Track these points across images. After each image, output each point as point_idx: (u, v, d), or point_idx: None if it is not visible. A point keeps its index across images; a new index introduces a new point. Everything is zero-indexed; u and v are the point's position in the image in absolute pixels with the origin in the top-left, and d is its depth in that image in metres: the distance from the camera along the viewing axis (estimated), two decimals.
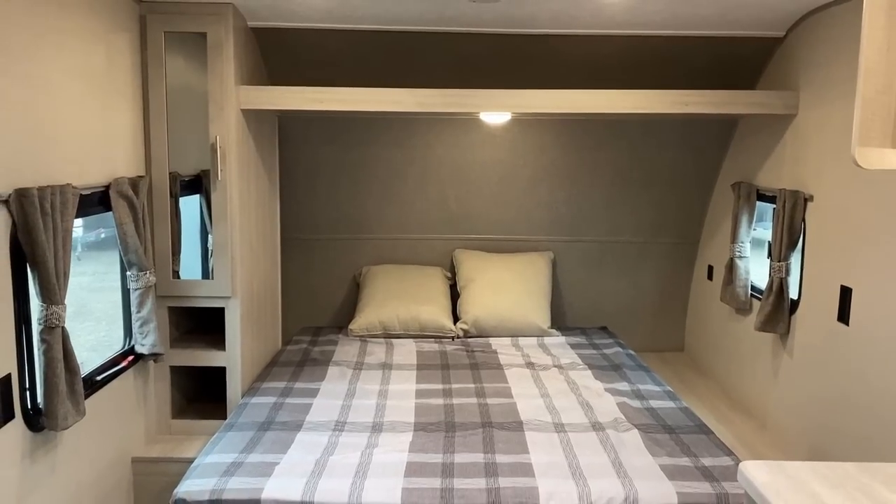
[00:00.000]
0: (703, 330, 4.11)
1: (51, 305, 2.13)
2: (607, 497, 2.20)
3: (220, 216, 3.01)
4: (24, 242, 2.06)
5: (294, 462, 2.41)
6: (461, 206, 4.26)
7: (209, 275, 3.23)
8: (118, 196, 2.60)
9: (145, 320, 2.78)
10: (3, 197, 1.99)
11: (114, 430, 2.71)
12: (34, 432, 2.16)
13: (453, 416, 2.83)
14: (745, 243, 3.48)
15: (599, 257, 4.32)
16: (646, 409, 2.91)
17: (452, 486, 2.25)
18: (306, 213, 4.22)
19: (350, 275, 4.38)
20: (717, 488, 2.23)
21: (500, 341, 3.90)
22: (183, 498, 2.21)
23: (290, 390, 3.11)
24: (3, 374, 2.01)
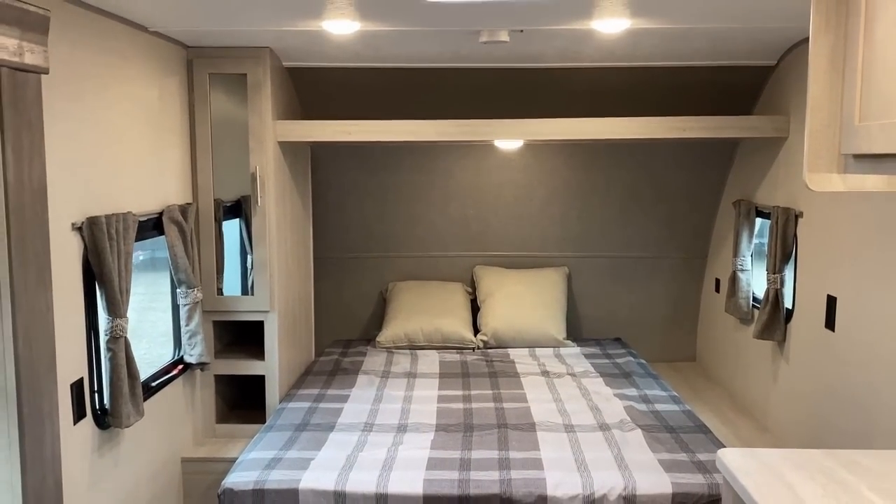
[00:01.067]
0: (713, 340, 4.32)
1: (116, 318, 2.44)
2: (608, 486, 2.45)
3: (259, 238, 3.33)
4: (94, 263, 2.38)
5: (327, 458, 2.69)
6: (480, 226, 4.55)
7: (249, 291, 3.53)
8: (170, 221, 2.92)
9: (193, 333, 3.09)
10: (78, 224, 2.31)
11: (166, 432, 3.01)
12: (101, 430, 2.47)
13: (472, 419, 3.09)
14: (746, 257, 3.70)
15: (612, 272, 4.57)
16: (651, 412, 3.14)
17: (469, 478, 2.51)
18: (337, 234, 4.54)
19: (377, 291, 4.67)
20: (709, 479, 2.46)
21: (518, 352, 4.16)
22: (230, 488, 2.50)
23: (324, 396, 3.40)
24: (77, 378, 2.33)
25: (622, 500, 2.42)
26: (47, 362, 2.05)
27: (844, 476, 1.79)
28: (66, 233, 2.26)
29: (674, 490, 2.43)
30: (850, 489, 1.72)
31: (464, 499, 2.44)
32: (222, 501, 2.49)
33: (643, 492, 2.43)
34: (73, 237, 2.30)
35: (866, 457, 1.91)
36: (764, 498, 1.68)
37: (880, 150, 1.59)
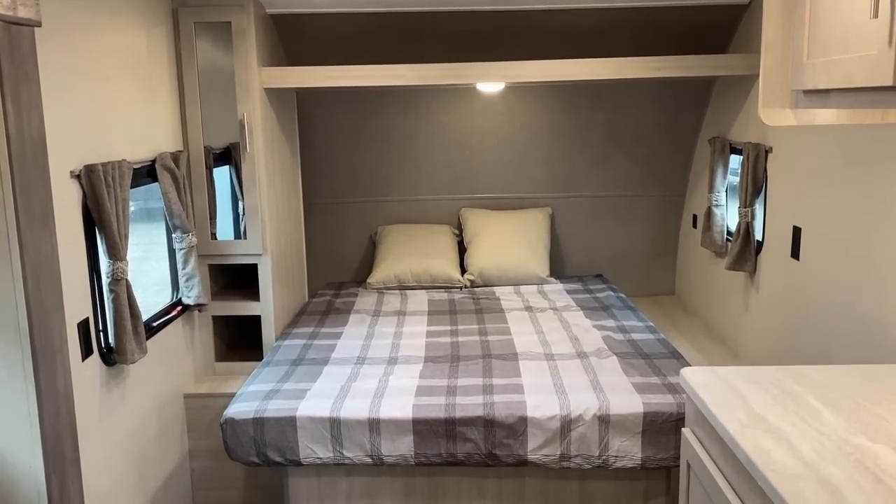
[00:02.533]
0: (690, 273, 4.50)
1: (116, 261, 2.57)
2: (584, 407, 2.63)
3: (249, 184, 3.44)
4: (93, 209, 2.50)
5: (322, 388, 2.86)
6: (465, 169, 4.66)
7: (241, 236, 3.66)
8: (163, 169, 3.02)
9: (190, 276, 3.23)
10: (76, 172, 2.42)
11: (168, 369, 3.17)
12: (108, 366, 2.63)
13: (458, 351, 3.27)
14: (721, 192, 3.84)
15: (594, 211, 4.71)
16: (627, 341, 3.32)
17: (455, 403, 2.69)
18: (325, 180, 4.64)
19: (367, 234, 4.80)
20: (678, 398, 2.65)
21: (504, 289, 4.32)
22: (232, 417, 2.67)
23: (318, 334, 3.56)
24: (83, 318, 2.47)
25: (597, 420, 2.61)
26: (55, 301, 2.19)
27: (794, 388, 1.96)
28: (66, 181, 2.37)
29: (645, 409, 2.61)
30: (797, 398, 1.89)
31: (450, 421, 2.62)
32: (225, 431, 2.67)
33: (616, 411, 2.62)
34: (72, 185, 2.41)
35: (816, 371, 2.09)
36: (719, 408, 1.85)
37: (824, 85, 1.72)
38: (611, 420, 2.61)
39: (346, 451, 2.65)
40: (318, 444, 2.65)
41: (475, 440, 2.62)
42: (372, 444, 2.64)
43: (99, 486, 2.53)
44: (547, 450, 2.62)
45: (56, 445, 2.19)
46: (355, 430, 2.64)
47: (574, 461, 2.63)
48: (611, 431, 2.61)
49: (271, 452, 2.65)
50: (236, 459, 2.68)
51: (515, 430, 2.61)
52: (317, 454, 2.65)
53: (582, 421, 2.61)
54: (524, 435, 2.61)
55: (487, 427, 2.61)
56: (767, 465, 1.55)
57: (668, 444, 2.61)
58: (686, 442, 2.08)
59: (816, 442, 1.65)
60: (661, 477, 2.76)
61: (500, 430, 2.61)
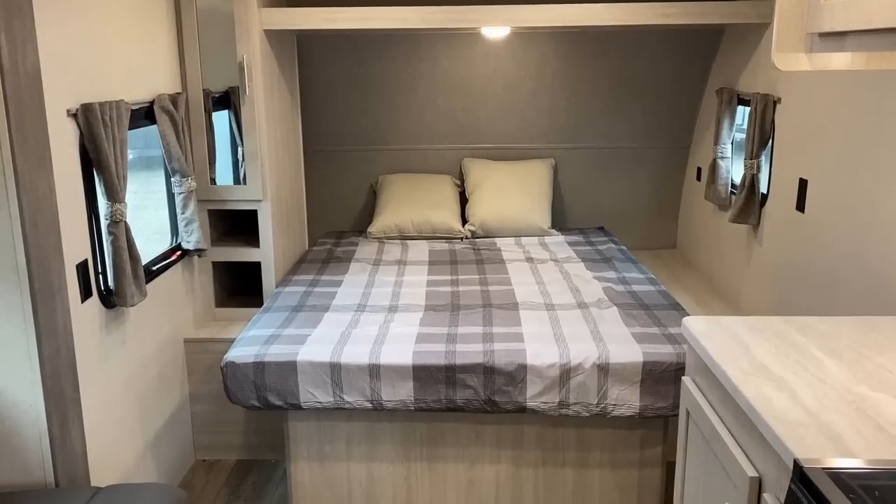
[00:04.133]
0: (692, 227, 4.47)
1: (115, 203, 2.54)
2: (583, 356, 2.63)
3: (249, 128, 3.39)
4: (91, 150, 2.46)
5: (323, 334, 2.86)
6: (468, 118, 4.60)
7: (241, 182, 3.63)
8: (161, 111, 2.97)
9: (189, 220, 3.20)
10: (73, 111, 2.37)
11: (168, 314, 3.17)
12: (108, 309, 2.62)
13: (459, 300, 3.26)
14: (727, 145, 3.79)
15: (597, 163, 4.66)
16: (628, 292, 3.31)
17: (455, 350, 2.69)
18: (325, 127, 4.58)
19: (367, 183, 4.76)
20: (677, 349, 2.65)
21: (505, 241, 4.30)
22: (232, 361, 2.67)
23: (318, 281, 3.55)
24: (82, 260, 2.45)
25: (596, 368, 2.62)
26: (53, 242, 2.17)
27: (797, 338, 1.96)
28: (62, 119, 2.33)
29: (644, 359, 2.62)
30: (799, 348, 1.88)
31: (450, 368, 2.63)
32: (225, 374, 2.67)
33: (615, 360, 2.62)
34: (68, 124, 2.37)
35: (819, 322, 2.08)
36: (721, 356, 1.84)
37: (842, 27, 1.66)
38: (610, 369, 2.61)
39: (347, 396, 2.66)
40: (318, 389, 2.66)
41: (475, 387, 2.63)
42: (372, 390, 2.65)
43: (100, 428, 2.55)
44: (546, 397, 2.63)
45: (56, 385, 2.19)
46: (356, 376, 2.65)
47: (572, 409, 2.64)
48: (609, 380, 2.62)
49: (271, 396, 2.66)
50: (236, 403, 2.69)
51: (515, 377, 2.61)
52: (317, 398, 2.66)
53: (581, 369, 2.62)
54: (523, 382, 2.62)
55: (487, 374, 2.62)
56: (769, 412, 1.54)
57: (666, 393, 2.62)
58: (686, 390, 2.08)
59: (818, 390, 1.64)
60: (657, 426, 2.78)
61: (499, 377, 2.62)
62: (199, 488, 3.24)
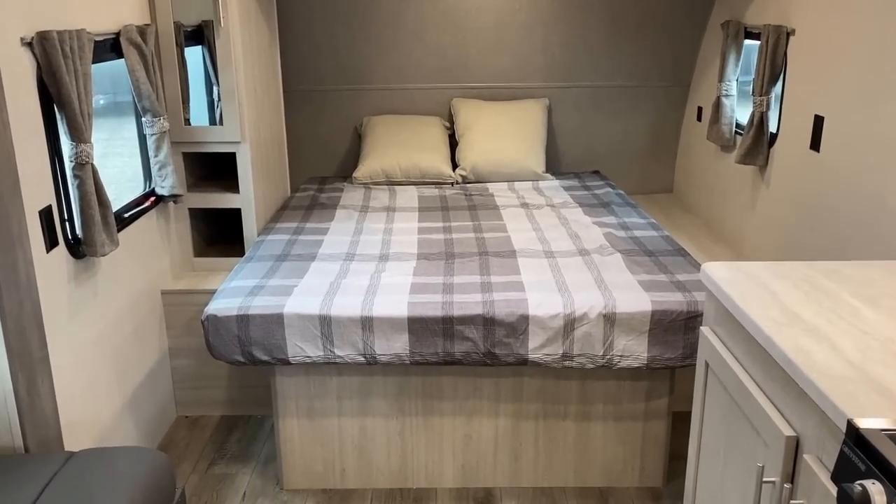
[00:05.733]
0: (691, 170, 4.31)
1: (79, 143, 2.31)
2: (589, 305, 2.48)
3: (225, 63, 3.14)
4: (50, 84, 2.22)
5: (310, 285, 2.68)
6: (458, 55, 4.35)
7: (217, 123, 3.39)
8: (128, 43, 2.72)
9: (163, 164, 2.98)
10: (28, 40, 2.13)
11: (143, 264, 2.97)
12: (76, 259, 2.42)
13: (453, 248, 3.09)
14: (732, 82, 3.60)
15: (593, 103, 4.45)
16: (629, 238, 3.16)
17: (452, 300, 2.53)
18: (306, 65, 4.32)
19: (351, 125, 4.53)
20: (688, 297, 2.51)
21: (497, 186, 4.12)
22: (214, 314, 2.49)
23: (302, 229, 3.36)
24: (45, 206, 2.24)
25: (602, 318, 2.47)
26: (10, 184, 1.95)
27: (826, 284, 1.82)
28: (16, 48, 2.09)
29: (653, 308, 2.47)
30: (831, 295, 1.75)
31: (447, 319, 2.47)
32: (206, 328, 2.49)
33: (623, 310, 2.47)
34: (23, 54, 2.12)
35: (846, 266, 1.94)
36: (749, 305, 1.70)
37: None
38: (617, 318, 2.47)
39: (338, 350, 2.50)
40: (307, 343, 2.49)
41: (474, 339, 2.48)
42: (365, 343, 2.49)
43: (72, 387, 2.37)
44: (549, 349, 2.49)
45: (21, 342, 2.01)
46: (347, 328, 2.48)
47: (577, 361, 2.50)
48: (616, 330, 2.48)
49: (257, 351, 2.50)
50: (219, 358, 2.52)
51: (516, 328, 2.46)
52: (306, 353, 2.50)
53: (586, 319, 2.47)
54: (525, 334, 2.47)
55: (487, 325, 2.46)
56: (811, 366, 1.40)
57: (675, 343, 2.48)
58: (705, 341, 1.94)
59: (860, 341, 1.51)
60: (664, 377, 2.66)
61: (499, 328, 2.47)
62: (182, 446, 3.09)
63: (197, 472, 2.92)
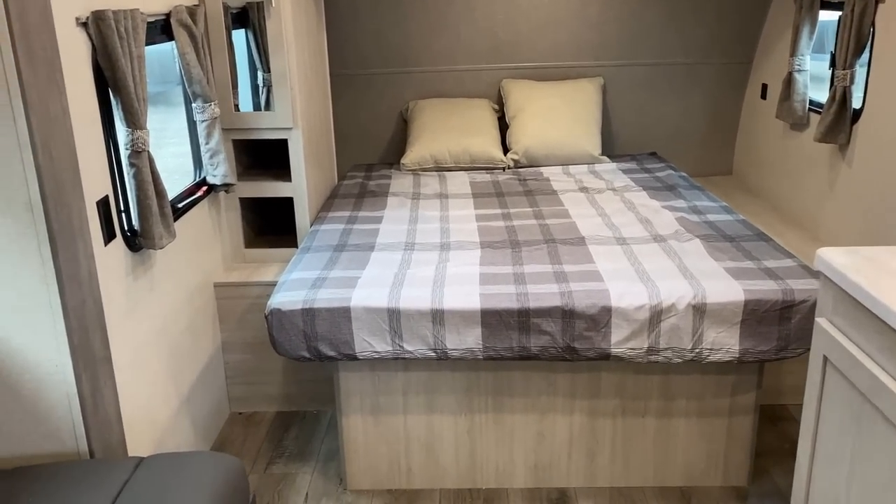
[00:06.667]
0: (755, 150, 4.10)
1: (135, 130, 2.19)
2: (677, 295, 2.32)
3: (276, 46, 3.00)
4: (105, 67, 2.09)
5: (374, 276, 2.54)
6: (508, 33, 4.17)
7: (262, 109, 3.26)
8: (179, 24, 2.59)
9: (214, 151, 2.85)
10: (83, 19, 2.00)
11: (196, 256, 2.85)
12: (133, 252, 2.30)
13: (516, 235, 2.94)
14: (805, 56, 3.40)
15: (649, 81, 4.26)
16: (704, 223, 2.98)
17: (527, 291, 2.38)
18: (350, 47, 4.17)
19: (396, 110, 4.37)
20: (783, 285, 2.34)
21: (552, 170, 3.95)
22: (278, 308, 2.36)
23: (356, 218, 3.22)
24: (102, 196, 2.11)
25: (691, 309, 2.31)
26: (71, 174, 1.83)
27: None
28: (71, 28, 1.96)
29: (746, 297, 2.30)
30: None
31: (523, 312, 2.32)
32: (270, 323, 2.37)
33: (713, 300, 2.31)
34: (79, 35, 2.00)
35: None
36: (882, 293, 1.53)
37: None
38: (707, 309, 2.30)
39: (407, 345, 2.37)
40: (375, 337, 2.36)
41: (552, 333, 2.33)
42: (435, 337, 2.35)
43: (132, 386, 2.26)
44: (633, 343, 2.33)
45: (84, 341, 1.89)
46: (417, 322, 2.35)
47: (663, 355, 2.35)
48: (706, 322, 2.31)
49: (323, 346, 2.37)
50: (283, 354, 2.40)
51: (598, 321, 2.31)
52: (374, 348, 2.37)
53: (674, 311, 2.31)
54: (608, 326, 2.31)
55: (566, 318, 2.31)
56: None
57: (769, 335, 2.32)
58: (824, 334, 1.77)
59: None
60: (752, 370, 2.50)
61: (580, 321, 2.31)
62: (238, 445, 2.98)
63: (256, 471, 2.81)
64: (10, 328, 1.81)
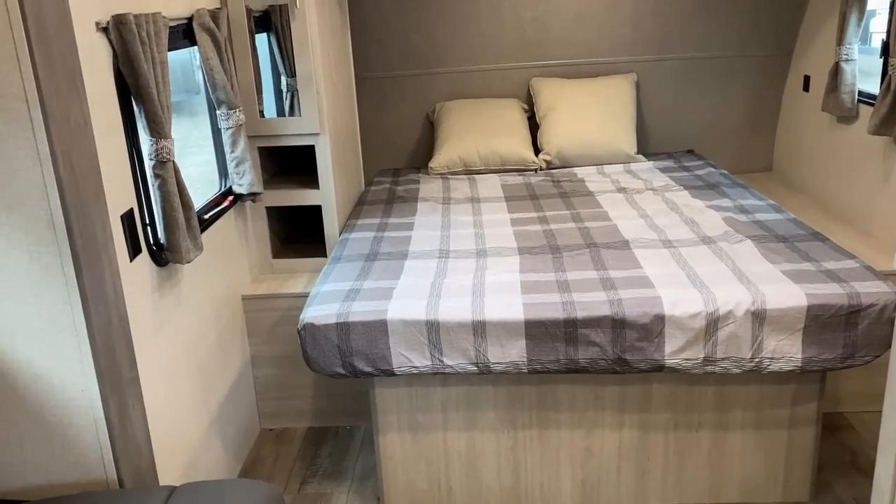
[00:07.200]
0: (797, 145, 3.93)
1: (160, 139, 2.09)
2: (734, 302, 2.18)
3: (301, 48, 2.89)
4: (127, 74, 1.99)
5: (410, 286, 2.42)
6: (537, 30, 4.04)
7: (286, 115, 3.16)
8: (201, 28, 2.49)
9: (240, 160, 2.75)
10: (103, 24, 1.90)
11: (223, 268, 2.75)
12: (159, 266, 2.20)
13: (555, 240, 2.80)
14: (853, 45, 3.24)
15: (685, 76, 4.10)
16: (753, 222, 2.83)
17: (573, 300, 2.25)
18: (375, 49, 4.06)
19: (422, 112, 4.25)
20: (847, 288, 2.19)
21: (586, 170, 3.81)
22: (311, 322, 2.25)
23: (386, 225, 3.10)
24: (127, 209, 2.02)
25: (750, 316, 2.16)
26: (94, 187, 1.73)
27: None
28: (92, 34, 1.86)
29: (809, 302, 2.15)
30: None
31: (570, 322, 2.19)
32: (303, 338, 2.26)
33: (774, 305, 2.16)
34: (99, 40, 1.90)
35: None
36: None
37: None
38: (767, 315, 2.16)
39: (447, 359, 2.24)
40: (413, 351, 2.24)
41: (601, 344, 2.19)
42: (477, 351, 2.23)
43: (161, 407, 2.16)
44: (688, 353, 2.19)
45: (110, 362, 1.79)
46: (457, 335, 2.22)
47: (720, 365, 2.20)
48: (766, 329, 2.17)
49: (359, 362, 2.25)
50: (318, 371, 2.29)
51: (650, 330, 2.17)
52: (412, 363, 2.25)
53: (732, 318, 2.16)
54: (661, 336, 2.18)
55: (616, 328, 2.18)
56: None
57: (833, 342, 2.17)
58: None
59: None
60: (813, 379, 2.35)
61: (631, 331, 2.18)
62: (270, 463, 2.87)
63: (290, 491, 2.70)
64: (32, 351, 1.72)
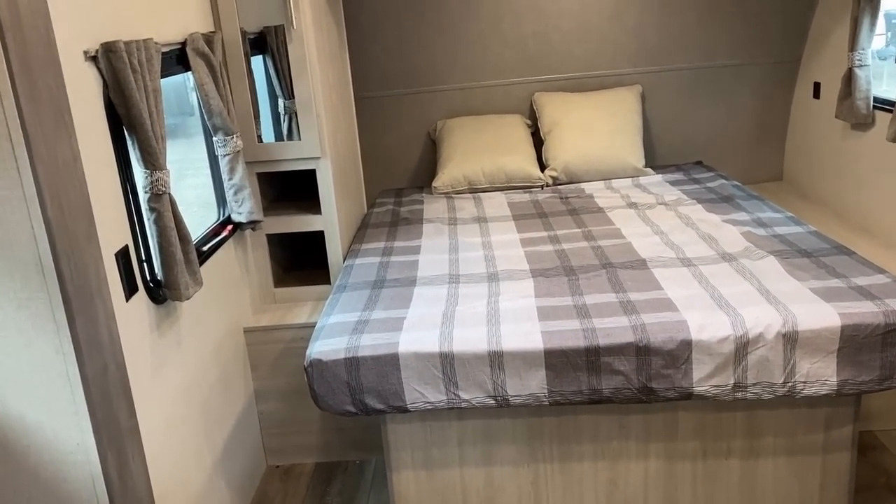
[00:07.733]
0: (809, 153, 3.84)
1: (154, 171, 1.98)
2: (764, 324, 2.07)
3: (299, 71, 2.79)
4: (119, 103, 1.89)
5: (421, 315, 2.31)
6: (539, 44, 3.95)
7: (284, 138, 3.06)
8: (195, 53, 2.39)
9: (238, 187, 2.64)
10: (92, 53, 1.80)
11: (224, 301, 2.64)
12: (157, 305, 2.09)
13: (569, 261, 2.69)
14: (867, 50, 3.15)
15: (692, 86, 4.01)
16: (774, 237, 2.73)
17: (594, 326, 2.14)
18: (374, 68, 3.97)
19: (423, 131, 4.16)
20: (882, 306, 2.08)
21: (594, 185, 3.71)
22: (318, 358, 2.13)
23: (392, 249, 2.99)
24: (121, 247, 1.91)
25: (781, 338, 2.05)
26: (85, 226, 1.62)
27: None
28: (79, 64, 1.76)
29: (843, 322, 2.04)
30: None
31: (592, 350, 2.08)
32: (311, 376, 2.14)
33: (806, 326, 2.05)
34: (88, 70, 1.80)
35: None
36: None
37: None
38: (799, 337, 2.05)
39: (463, 393, 2.13)
40: (427, 386, 2.12)
41: (625, 372, 2.08)
42: (495, 383, 2.11)
43: (162, 454, 2.04)
44: (717, 379, 2.08)
45: (108, 413, 1.68)
46: (473, 367, 2.11)
47: (751, 391, 2.09)
48: (798, 352, 2.06)
49: (370, 399, 2.13)
50: (327, 409, 2.16)
51: (677, 357, 2.06)
52: (426, 398, 2.13)
53: (762, 341, 2.05)
54: (688, 362, 2.06)
55: (641, 355, 2.07)
56: None
57: (870, 364, 2.06)
58: None
59: None
60: (847, 402, 2.23)
61: (656, 357, 2.06)
62: (279, 502, 2.75)
63: None
64: (23, 404, 1.60)
